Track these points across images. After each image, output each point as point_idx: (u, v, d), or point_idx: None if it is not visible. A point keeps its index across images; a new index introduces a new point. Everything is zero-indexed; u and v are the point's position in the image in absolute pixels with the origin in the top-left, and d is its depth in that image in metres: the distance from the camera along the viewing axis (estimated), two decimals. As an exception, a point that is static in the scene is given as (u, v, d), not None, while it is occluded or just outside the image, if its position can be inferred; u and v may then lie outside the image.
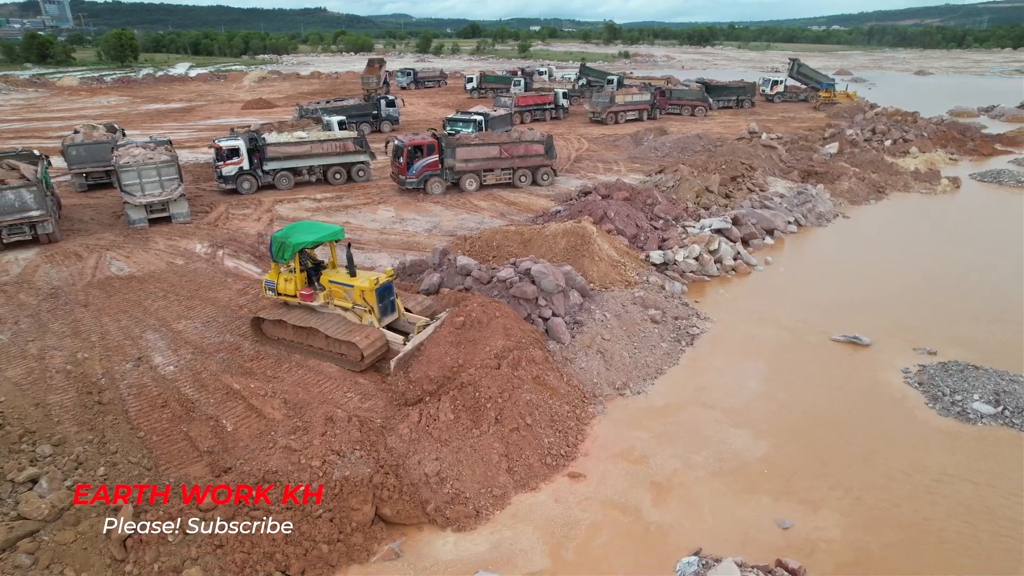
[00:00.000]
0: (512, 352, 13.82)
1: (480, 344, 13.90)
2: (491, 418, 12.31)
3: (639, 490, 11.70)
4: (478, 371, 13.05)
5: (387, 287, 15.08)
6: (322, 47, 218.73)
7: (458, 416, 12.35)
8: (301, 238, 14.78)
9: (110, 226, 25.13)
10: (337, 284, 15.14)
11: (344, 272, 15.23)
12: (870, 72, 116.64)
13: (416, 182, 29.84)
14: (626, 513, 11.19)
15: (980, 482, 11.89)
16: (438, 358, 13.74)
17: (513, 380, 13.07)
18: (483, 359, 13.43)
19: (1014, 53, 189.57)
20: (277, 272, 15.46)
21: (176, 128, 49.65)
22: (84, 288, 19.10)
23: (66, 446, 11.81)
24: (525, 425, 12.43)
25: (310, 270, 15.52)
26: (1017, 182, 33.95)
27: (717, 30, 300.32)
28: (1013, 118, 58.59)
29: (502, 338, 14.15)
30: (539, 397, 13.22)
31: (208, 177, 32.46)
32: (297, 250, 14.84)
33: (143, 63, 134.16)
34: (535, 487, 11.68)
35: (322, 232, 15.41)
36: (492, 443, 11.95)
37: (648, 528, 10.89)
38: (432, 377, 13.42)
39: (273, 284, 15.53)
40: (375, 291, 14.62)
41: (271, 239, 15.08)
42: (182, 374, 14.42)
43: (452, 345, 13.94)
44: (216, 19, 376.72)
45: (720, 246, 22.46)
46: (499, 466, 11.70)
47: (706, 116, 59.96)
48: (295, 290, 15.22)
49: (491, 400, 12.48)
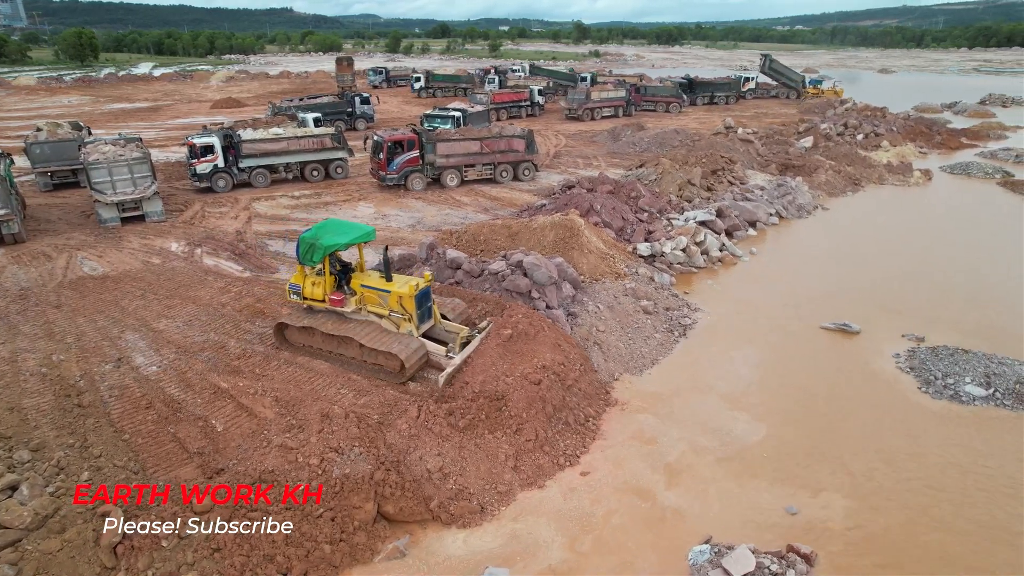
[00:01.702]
0: (560, 366, 13.21)
1: (527, 356, 13.26)
2: (510, 431, 11.89)
3: (650, 475, 11.59)
4: (515, 381, 12.46)
5: (425, 293, 14.02)
6: (290, 47, 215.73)
7: (474, 425, 11.89)
8: (333, 240, 13.57)
9: (79, 225, 24.20)
10: (371, 289, 14.06)
11: (378, 276, 14.30)
12: (835, 70, 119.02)
13: (397, 178, 29.40)
14: (640, 498, 11.05)
15: (977, 462, 12.01)
16: (483, 369, 12.94)
17: (546, 396, 12.51)
18: (524, 371, 12.76)
19: (969, 52, 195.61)
20: (303, 275, 14.37)
21: (144, 127, 48.24)
22: (55, 289, 18.31)
23: (45, 451, 11.22)
24: (544, 436, 12.05)
25: (338, 273, 14.42)
26: (985, 174, 34.83)
27: (685, 30, 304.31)
28: (975, 113, 60.23)
29: (550, 350, 13.53)
30: (567, 404, 12.78)
31: (180, 176, 31.55)
32: (328, 252, 13.67)
33: (104, 63, 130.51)
34: (543, 485, 11.37)
35: (354, 233, 14.11)
36: (501, 444, 11.66)
37: (663, 515, 10.75)
38: (477, 392, 12.53)
39: (299, 288, 14.41)
40: (414, 297, 13.65)
41: (299, 240, 13.92)
42: (166, 374, 13.86)
43: (498, 357, 13.21)
44: (178, 19, 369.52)
45: (706, 238, 22.51)
46: (505, 464, 11.40)
47: (680, 112, 60.46)
48: (324, 295, 14.21)
49: (515, 417, 11.95)
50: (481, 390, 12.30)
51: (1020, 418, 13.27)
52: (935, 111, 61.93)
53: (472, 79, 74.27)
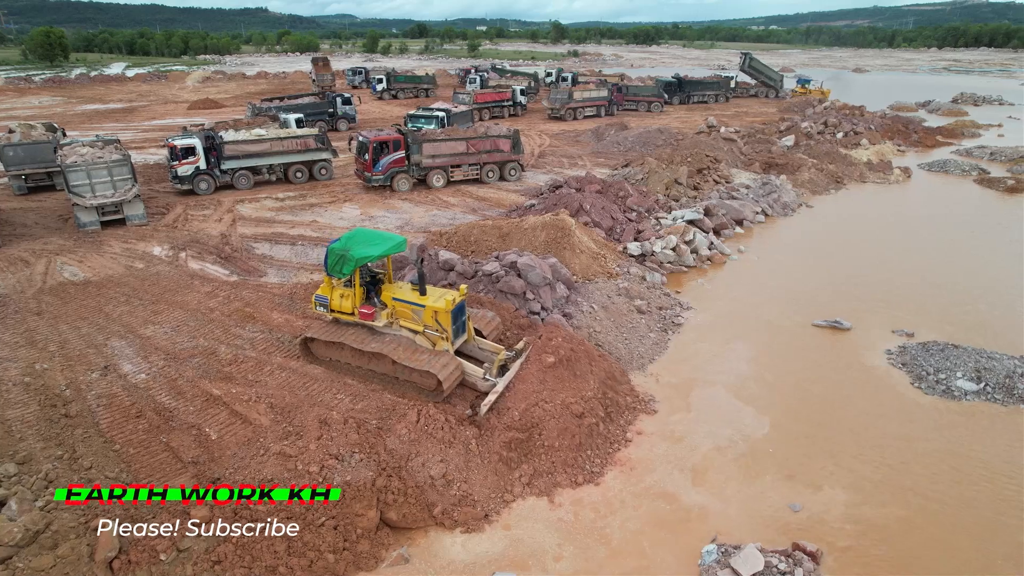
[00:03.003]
0: (606, 396, 13.06)
1: (568, 383, 12.79)
2: (539, 457, 11.67)
3: (667, 476, 11.58)
4: (554, 409, 12.11)
5: (460, 307, 13.38)
6: (266, 47, 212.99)
7: (506, 457, 11.63)
8: (365, 251, 12.84)
9: (57, 230, 23.54)
10: (404, 303, 13.43)
11: (411, 288, 13.71)
12: (810, 69, 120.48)
13: (383, 179, 29.09)
14: (663, 501, 11.06)
15: (973, 455, 12.19)
16: (524, 397, 12.47)
17: (584, 429, 12.18)
18: (565, 401, 12.33)
19: (939, 52, 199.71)
20: (331, 287, 13.78)
21: (119, 128, 47.18)
22: (35, 295, 17.76)
23: (33, 463, 10.86)
24: (572, 461, 11.79)
25: (367, 284, 13.85)
26: (962, 171, 35.52)
27: (662, 29, 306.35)
28: (948, 112, 61.43)
29: (597, 381, 13.22)
30: (599, 432, 12.46)
31: (160, 178, 30.88)
32: (360, 264, 12.99)
33: (75, 62, 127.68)
34: (553, 498, 11.15)
35: (387, 244, 13.23)
36: (520, 465, 11.49)
37: (686, 515, 10.78)
38: (517, 419, 12.14)
39: (326, 300, 13.80)
40: (450, 312, 12.99)
41: (327, 250, 13.27)
42: (155, 382, 13.49)
43: (539, 383, 12.72)
44: (151, 18, 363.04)
45: (695, 236, 22.59)
46: (518, 480, 11.29)
47: (662, 111, 60.76)
48: (353, 308, 13.61)
49: (547, 450, 11.69)
50: (521, 418, 11.96)
51: (1012, 412, 13.48)
52: (910, 109, 63.05)
53: (434, 79, 73.89)
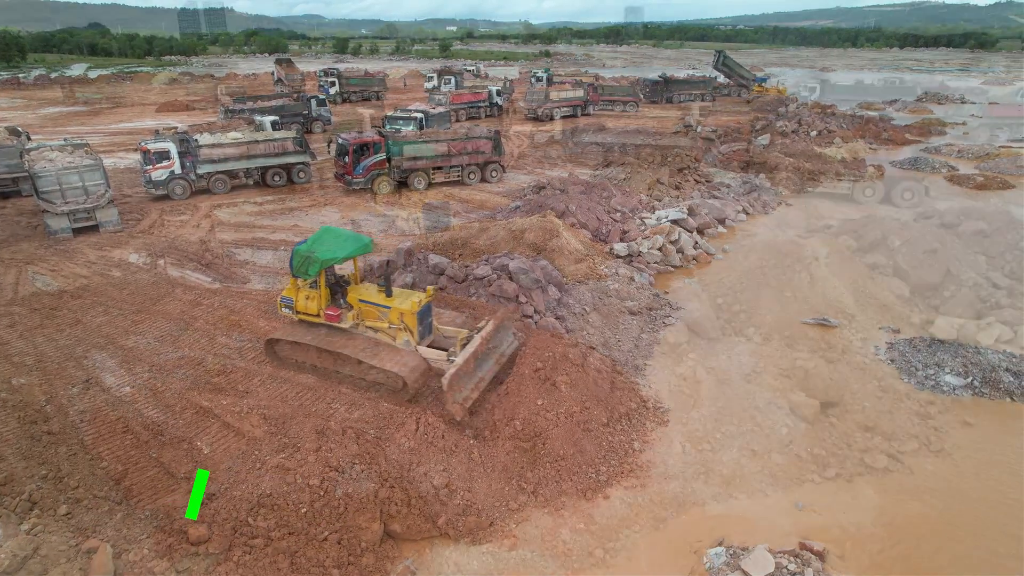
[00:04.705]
0: (608, 402, 12.80)
1: (568, 390, 12.45)
2: (544, 466, 11.41)
3: (678, 482, 11.52)
4: (556, 417, 11.87)
5: (427, 308, 13.48)
6: (234, 48, 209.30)
7: (510, 467, 11.37)
8: (330, 253, 12.92)
9: (26, 237, 22.72)
10: (369, 304, 13.50)
11: (377, 290, 13.70)
12: (779, 68, 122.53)
13: (363, 182, 28.70)
14: (659, 505, 10.97)
15: (971, 449, 12.42)
16: (524, 404, 12.18)
17: (589, 436, 11.97)
18: (570, 409, 12.07)
19: (901, 52, 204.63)
20: (296, 288, 13.74)
21: (86, 132, 45.79)
22: (6, 307, 17.10)
23: (15, 484, 10.39)
24: (577, 468, 11.54)
25: (333, 285, 13.77)
26: (932, 168, 36.37)
27: (632, 29, 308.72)
28: (914, 110, 62.94)
29: (597, 386, 12.92)
30: (606, 441, 12.21)
31: (131, 183, 30.05)
32: (325, 266, 13.08)
33: (33, 63, 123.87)
34: (560, 509, 10.90)
35: (352, 245, 13.36)
36: (525, 473, 11.29)
37: (680, 516, 10.77)
38: (519, 430, 11.85)
39: (291, 301, 13.76)
40: (416, 313, 13.09)
41: (293, 252, 13.22)
42: (141, 395, 13.06)
43: (534, 391, 12.38)
44: (111, 18, 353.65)
45: (680, 236, 22.69)
46: (521, 488, 11.11)
47: (637, 111, 61.15)
48: (318, 309, 13.54)
49: (553, 461, 11.44)
50: (524, 428, 11.74)
51: (998, 405, 13.77)
52: (878, 108, 64.38)
53: (383, 82, 73.18)
